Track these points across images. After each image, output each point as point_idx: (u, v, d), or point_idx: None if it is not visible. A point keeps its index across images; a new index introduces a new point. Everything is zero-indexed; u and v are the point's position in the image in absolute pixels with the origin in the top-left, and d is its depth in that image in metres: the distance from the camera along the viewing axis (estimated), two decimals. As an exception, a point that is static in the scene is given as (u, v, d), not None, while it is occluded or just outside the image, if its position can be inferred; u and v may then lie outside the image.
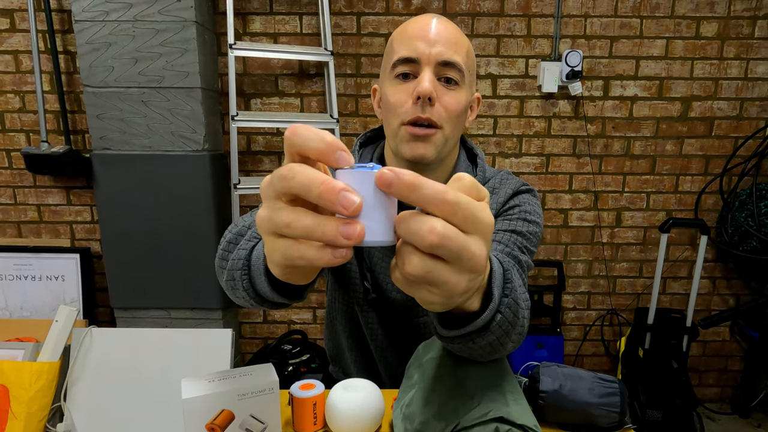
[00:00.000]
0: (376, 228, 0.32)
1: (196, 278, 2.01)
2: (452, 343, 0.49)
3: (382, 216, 0.32)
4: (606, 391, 0.71)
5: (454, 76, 0.74)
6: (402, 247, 0.32)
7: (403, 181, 0.30)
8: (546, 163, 2.21)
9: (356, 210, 0.30)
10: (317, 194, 0.30)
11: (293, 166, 0.31)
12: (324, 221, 0.31)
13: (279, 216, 0.32)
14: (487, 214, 0.32)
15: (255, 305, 0.60)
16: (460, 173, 0.35)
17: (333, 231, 0.30)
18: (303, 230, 0.31)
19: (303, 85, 2.14)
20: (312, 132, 0.32)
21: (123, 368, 0.74)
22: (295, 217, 0.31)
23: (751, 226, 2.00)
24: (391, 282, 0.85)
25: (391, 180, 0.30)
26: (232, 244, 0.65)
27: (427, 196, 0.30)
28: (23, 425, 0.69)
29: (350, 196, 0.30)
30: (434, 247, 0.30)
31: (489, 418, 0.52)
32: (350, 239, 0.30)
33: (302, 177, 0.30)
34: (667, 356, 2.03)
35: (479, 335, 0.46)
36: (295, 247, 0.33)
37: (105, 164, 1.92)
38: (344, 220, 0.31)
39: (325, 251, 0.31)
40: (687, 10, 2.08)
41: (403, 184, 0.30)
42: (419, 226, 0.30)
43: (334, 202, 0.30)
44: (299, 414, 0.69)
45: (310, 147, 0.31)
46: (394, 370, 0.92)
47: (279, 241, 0.34)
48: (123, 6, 1.80)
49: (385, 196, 0.32)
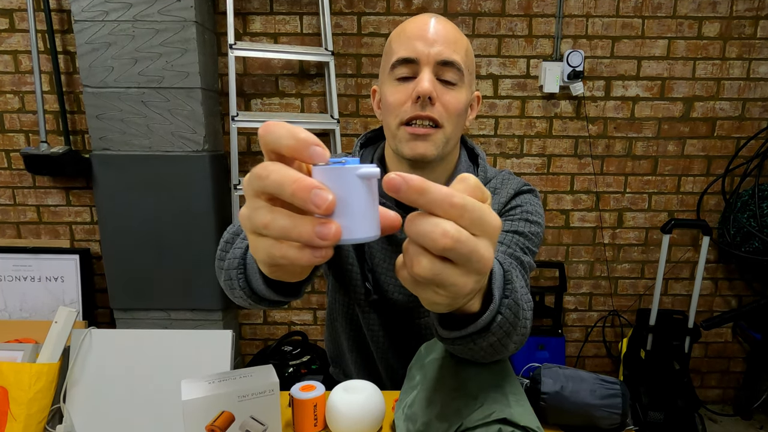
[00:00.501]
0: (355, 224, 0.31)
1: (196, 279, 2.00)
2: (453, 345, 0.49)
3: (362, 211, 0.31)
4: (607, 392, 0.71)
5: (453, 76, 0.74)
6: (410, 248, 0.32)
7: (411, 185, 0.29)
8: (547, 164, 2.21)
9: (329, 208, 0.30)
10: (290, 193, 0.29)
11: (267, 165, 0.31)
12: (300, 222, 0.30)
13: (257, 216, 0.32)
14: (494, 217, 0.32)
15: (253, 304, 0.59)
16: (465, 174, 0.34)
17: (309, 232, 0.30)
18: (280, 231, 0.31)
19: (303, 86, 2.14)
20: (284, 129, 0.31)
21: (123, 369, 0.74)
22: (272, 218, 0.31)
23: (753, 227, 1.99)
24: (393, 283, 0.85)
25: (399, 185, 0.30)
26: (229, 243, 0.64)
27: (435, 200, 0.30)
28: (23, 427, 0.68)
29: (322, 194, 0.29)
30: (446, 250, 0.30)
31: (492, 420, 0.52)
32: (326, 239, 0.30)
33: (275, 176, 0.30)
34: (669, 357, 2.02)
35: (480, 336, 0.46)
36: (276, 246, 0.32)
37: (105, 165, 1.92)
38: (321, 220, 0.30)
39: (305, 251, 0.31)
40: (689, 10, 2.07)
41: (412, 188, 0.29)
42: (431, 229, 0.30)
43: (306, 200, 0.29)
44: (299, 415, 0.69)
45: (282, 144, 0.31)
46: (395, 371, 0.91)
47: (261, 240, 0.34)
48: (122, 6, 1.80)
49: (364, 191, 0.31)
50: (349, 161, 0.31)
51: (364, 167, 0.31)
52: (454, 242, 0.30)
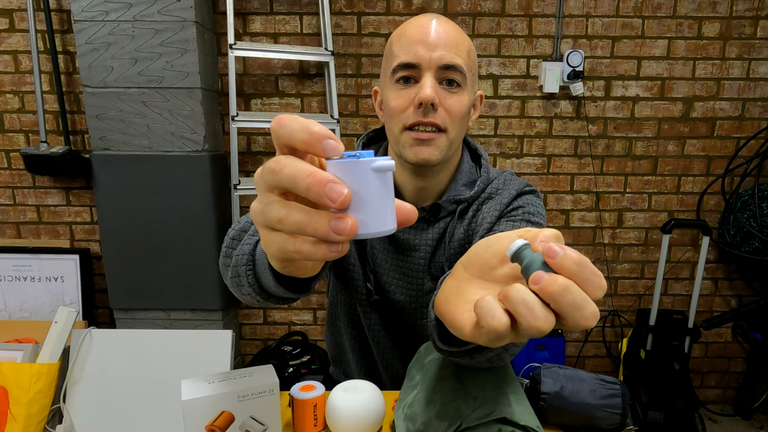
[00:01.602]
0: (371, 219, 0.31)
1: (196, 279, 2.00)
2: (451, 357, 0.49)
3: (378, 205, 0.31)
4: (607, 392, 0.71)
5: (456, 79, 0.74)
6: (531, 303, 0.29)
7: (571, 258, 0.29)
8: (547, 164, 2.21)
9: (344, 202, 0.29)
10: (305, 187, 0.29)
11: (281, 159, 0.30)
12: (315, 216, 0.30)
13: (271, 210, 0.31)
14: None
15: (261, 301, 0.58)
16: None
17: (324, 227, 0.29)
18: (295, 226, 0.30)
19: (303, 86, 2.14)
20: (297, 122, 0.30)
21: (123, 369, 0.74)
22: (287, 212, 0.31)
23: (753, 227, 2.00)
24: (395, 283, 0.85)
25: (557, 254, 0.29)
26: (236, 240, 0.64)
27: (587, 274, 0.29)
28: (23, 427, 0.68)
29: (337, 188, 0.29)
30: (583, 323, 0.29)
31: (492, 419, 0.52)
32: (342, 234, 0.29)
33: (289, 170, 0.30)
34: (669, 358, 2.03)
35: (478, 352, 0.46)
36: (290, 241, 0.32)
37: (104, 165, 1.92)
38: (336, 215, 0.30)
39: (321, 246, 0.31)
40: (689, 10, 2.07)
41: (571, 261, 0.29)
42: (584, 306, 0.29)
43: (321, 194, 0.29)
44: (299, 415, 0.69)
45: (296, 138, 0.30)
46: (396, 371, 0.91)
47: (274, 235, 0.33)
48: (122, 6, 1.80)
49: (379, 184, 0.31)
50: (363, 154, 0.31)
51: (379, 160, 0.31)
52: (594, 319, 0.29)
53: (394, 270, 0.84)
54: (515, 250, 0.32)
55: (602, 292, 0.30)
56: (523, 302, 0.29)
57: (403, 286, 0.85)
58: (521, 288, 0.29)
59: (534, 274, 0.29)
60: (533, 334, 0.29)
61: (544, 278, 0.29)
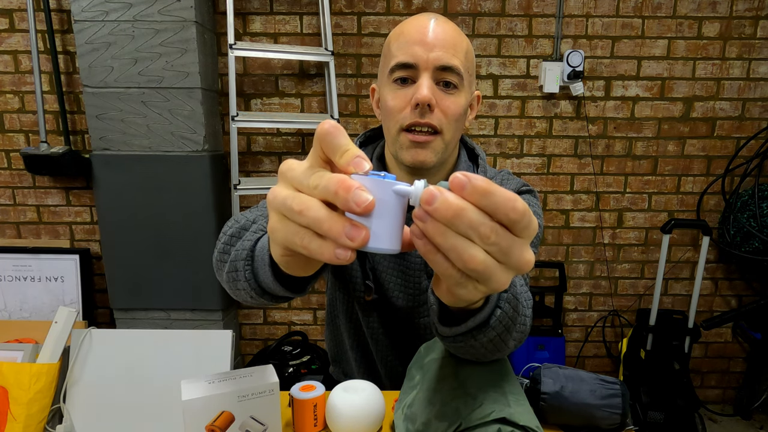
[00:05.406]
0: (382, 235, 0.33)
1: (196, 279, 2.00)
2: (454, 342, 0.49)
3: (391, 224, 0.33)
4: (607, 392, 0.71)
5: (452, 80, 0.74)
6: (460, 243, 0.32)
7: (476, 186, 0.30)
8: (547, 164, 2.21)
9: (367, 208, 0.31)
10: (334, 191, 0.31)
11: (324, 173, 0.33)
12: (334, 217, 0.31)
13: (294, 200, 0.33)
14: (535, 220, 0.34)
15: (255, 297, 0.58)
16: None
17: (338, 229, 0.31)
18: (312, 220, 0.32)
19: (303, 86, 2.14)
20: (342, 140, 0.33)
21: (122, 370, 0.74)
22: (309, 206, 0.32)
23: (753, 227, 1.99)
24: (394, 282, 0.85)
25: (463, 184, 0.30)
26: (235, 237, 0.64)
27: (497, 203, 0.30)
28: (23, 427, 0.68)
29: (363, 194, 0.31)
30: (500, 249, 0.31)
31: (491, 419, 0.52)
32: (354, 241, 0.31)
33: (325, 181, 0.32)
34: (669, 358, 2.02)
35: (480, 331, 0.47)
36: (299, 234, 0.33)
37: (104, 165, 1.92)
38: (353, 222, 0.31)
39: (328, 247, 0.32)
40: (689, 10, 2.07)
41: (477, 189, 0.30)
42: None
43: (347, 199, 0.30)
44: (299, 415, 0.69)
45: (335, 158, 0.33)
46: (395, 371, 0.91)
47: (286, 223, 0.34)
48: (122, 6, 1.80)
49: (396, 206, 0.33)
50: (387, 176, 0.33)
51: (400, 184, 0.33)
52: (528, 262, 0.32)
53: (392, 269, 0.84)
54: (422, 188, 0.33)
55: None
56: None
57: (402, 285, 0.85)
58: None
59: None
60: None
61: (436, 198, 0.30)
